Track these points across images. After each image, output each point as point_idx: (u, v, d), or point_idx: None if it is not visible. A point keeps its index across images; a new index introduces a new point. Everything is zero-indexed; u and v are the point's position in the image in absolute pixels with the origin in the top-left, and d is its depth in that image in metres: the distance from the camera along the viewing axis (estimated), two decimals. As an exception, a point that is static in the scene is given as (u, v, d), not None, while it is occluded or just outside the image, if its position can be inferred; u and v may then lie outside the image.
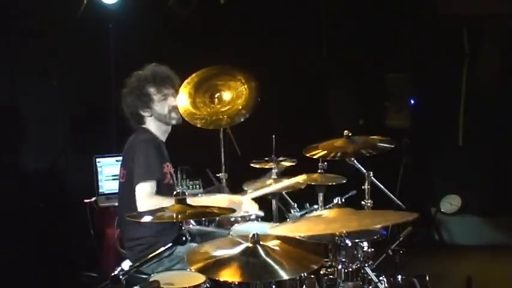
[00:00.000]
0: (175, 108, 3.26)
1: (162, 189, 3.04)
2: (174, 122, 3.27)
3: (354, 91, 5.73)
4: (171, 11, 4.79)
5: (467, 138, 5.77)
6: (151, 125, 3.25)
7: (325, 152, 3.18)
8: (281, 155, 3.79)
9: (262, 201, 3.52)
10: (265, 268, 2.13)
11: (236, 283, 2.40)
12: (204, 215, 2.59)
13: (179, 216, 2.23)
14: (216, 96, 3.83)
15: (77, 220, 4.36)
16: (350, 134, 3.17)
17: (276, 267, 2.13)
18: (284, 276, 2.13)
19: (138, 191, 2.97)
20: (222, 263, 2.19)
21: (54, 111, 4.67)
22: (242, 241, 2.27)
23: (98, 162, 4.42)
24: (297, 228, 2.39)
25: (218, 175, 4.01)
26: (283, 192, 3.56)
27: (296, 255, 2.26)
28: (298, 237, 2.36)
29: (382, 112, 5.86)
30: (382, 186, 3.18)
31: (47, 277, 4.30)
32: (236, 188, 3.70)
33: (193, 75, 3.88)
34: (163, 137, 3.28)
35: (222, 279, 2.14)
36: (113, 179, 4.29)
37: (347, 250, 2.65)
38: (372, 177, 3.09)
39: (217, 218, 3.35)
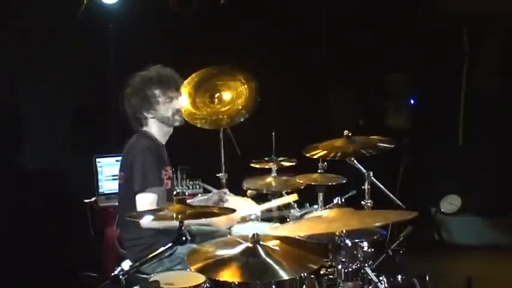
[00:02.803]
0: (179, 111, 3.24)
1: (160, 198, 3.04)
2: (177, 124, 3.25)
3: (354, 91, 5.72)
4: (171, 11, 4.79)
5: (467, 138, 5.77)
6: (153, 127, 3.22)
7: (325, 152, 3.18)
8: (281, 154, 3.80)
9: (262, 201, 3.53)
10: (265, 268, 2.14)
11: (236, 283, 2.40)
12: (204, 215, 2.59)
13: (179, 216, 2.23)
14: (216, 96, 3.83)
15: (77, 220, 4.36)
16: (350, 134, 3.17)
17: (276, 267, 2.13)
18: (284, 276, 2.13)
19: (138, 200, 2.98)
20: (222, 263, 2.19)
21: (54, 111, 4.67)
22: (242, 241, 2.28)
23: (98, 162, 4.42)
24: (297, 228, 2.39)
25: (218, 175, 4.02)
26: (283, 192, 3.56)
27: (296, 255, 2.26)
28: (298, 237, 2.37)
29: (382, 112, 5.86)
30: (382, 186, 3.18)
31: (47, 277, 4.30)
32: (236, 188, 3.70)
33: (193, 75, 3.88)
34: (164, 139, 3.26)
35: (222, 279, 2.14)
36: (113, 179, 4.29)
37: (347, 250, 2.65)
38: (372, 177, 3.08)
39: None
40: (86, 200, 4.31)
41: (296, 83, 5.38)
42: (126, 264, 3.05)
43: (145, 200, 2.97)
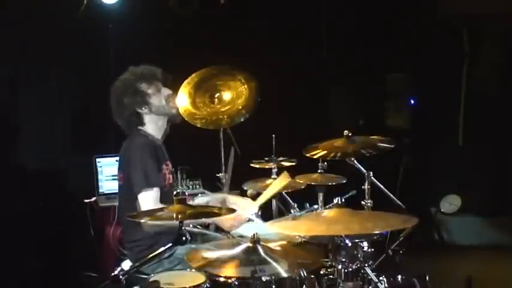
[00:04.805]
0: (169, 97, 3.23)
1: (163, 193, 3.04)
2: (174, 111, 3.25)
3: (354, 91, 5.72)
4: (171, 11, 4.79)
5: (467, 138, 5.77)
6: (148, 124, 3.20)
7: (325, 152, 3.18)
8: (281, 155, 3.80)
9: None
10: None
11: (236, 283, 2.39)
12: (204, 215, 2.59)
13: (179, 216, 2.22)
14: (216, 96, 3.82)
15: (77, 220, 4.36)
16: (350, 134, 3.17)
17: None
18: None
19: (141, 199, 2.97)
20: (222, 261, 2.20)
21: (54, 111, 4.67)
22: (242, 241, 2.28)
23: (98, 162, 4.42)
24: (297, 227, 2.39)
25: (218, 175, 4.01)
26: (283, 192, 3.56)
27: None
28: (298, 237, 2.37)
29: (382, 112, 5.86)
30: (382, 186, 3.18)
31: (47, 277, 4.30)
32: (236, 188, 3.70)
33: (193, 75, 3.87)
34: (159, 134, 3.25)
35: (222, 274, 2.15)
36: (113, 179, 4.29)
37: (347, 250, 2.65)
38: (372, 177, 3.08)
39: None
40: (86, 200, 4.32)
41: (296, 83, 5.38)
42: (126, 264, 3.05)
43: (148, 198, 2.95)
